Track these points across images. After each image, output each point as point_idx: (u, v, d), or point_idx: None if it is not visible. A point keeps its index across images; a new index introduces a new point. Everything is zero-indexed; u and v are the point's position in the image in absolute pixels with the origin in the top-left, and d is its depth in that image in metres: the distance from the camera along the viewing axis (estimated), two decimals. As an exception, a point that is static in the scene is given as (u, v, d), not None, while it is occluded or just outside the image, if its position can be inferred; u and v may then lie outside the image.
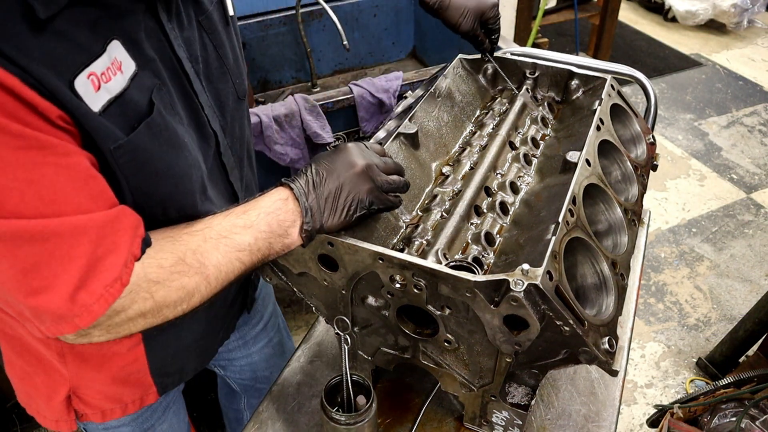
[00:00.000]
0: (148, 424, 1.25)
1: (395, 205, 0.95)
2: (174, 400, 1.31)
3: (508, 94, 1.38)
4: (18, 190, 0.65)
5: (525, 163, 1.21)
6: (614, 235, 1.08)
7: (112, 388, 1.10)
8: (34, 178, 0.65)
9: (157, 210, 0.86)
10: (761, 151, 3.93)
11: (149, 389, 1.15)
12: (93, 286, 0.70)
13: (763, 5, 5.19)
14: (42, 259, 0.67)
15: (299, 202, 0.88)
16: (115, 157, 0.75)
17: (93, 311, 0.71)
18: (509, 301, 0.81)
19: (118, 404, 1.13)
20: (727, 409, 1.88)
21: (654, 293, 2.98)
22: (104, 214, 0.72)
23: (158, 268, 0.77)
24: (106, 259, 0.71)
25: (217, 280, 0.82)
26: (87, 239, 0.69)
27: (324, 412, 0.96)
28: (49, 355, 1.02)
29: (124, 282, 0.72)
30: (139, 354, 1.07)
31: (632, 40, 5.19)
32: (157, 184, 0.83)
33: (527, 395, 1.03)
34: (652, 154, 1.29)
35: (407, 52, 2.80)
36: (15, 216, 0.65)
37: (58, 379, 1.06)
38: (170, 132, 0.83)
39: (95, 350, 1.03)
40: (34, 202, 0.66)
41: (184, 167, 0.87)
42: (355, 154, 0.92)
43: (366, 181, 0.90)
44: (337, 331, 0.99)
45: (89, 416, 1.13)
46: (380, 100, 1.99)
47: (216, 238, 0.83)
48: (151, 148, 0.79)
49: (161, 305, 0.78)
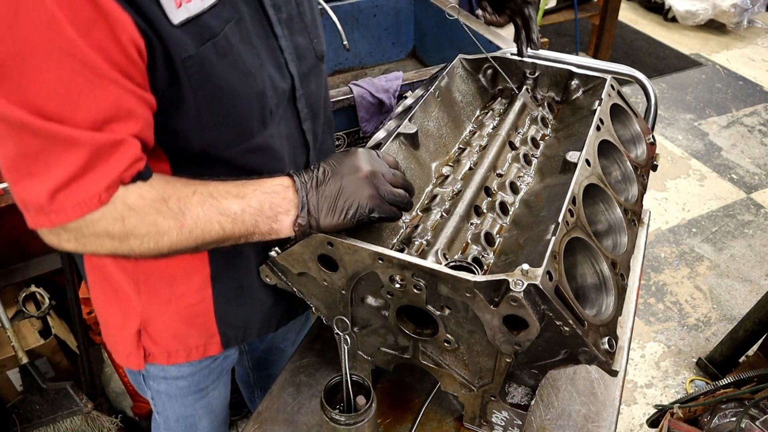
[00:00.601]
0: (204, 385, 1.30)
1: (396, 217, 0.94)
2: (228, 370, 1.35)
3: (508, 94, 1.38)
4: (48, 89, 0.70)
5: (525, 163, 1.21)
6: (614, 235, 1.08)
7: (179, 326, 1.14)
8: (65, 83, 0.71)
9: (217, 129, 0.91)
10: (761, 151, 3.93)
11: (213, 337, 1.18)
12: (73, 192, 0.76)
13: (763, 5, 5.19)
14: (40, 152, 0.73)
15: (298, 194, 0.89)
16: (185, 67, 0.82)
17: (67, 213, 0.77)
18: (509, 301, 0.81)
19: (182, 347, 1.18)
20: (727, 409, 1.88)
21: (654, 293, 2.98)
22: (108, 137, 0.76)
23: (139, 198, 0.81)
24: (92, 174, 0.76)
25: (191, 233, 0.85)
26: (83, 152, 0.74)
27: (324, 412, 0.96)
28: (125, 283, 1.09)
29: (103, 200, 0.77)
30: (207, 296, 1.12)
31: (632, 40, 5.19)
32: (220, 101, 0.89)
33: (527, 395, 1.03)
34: (652, 154, 1.29)
35: (407, 52, 2.80)
36: (34, 110, 0.71)
37: (131, 311, 1.12)
38: (236, 57, 0.88)
39: (166, 285, 1.09)
40: (55, 105, 0.71)
41: (247, 92, 0.91)
42: (363, 159, 0.92)
43: (368, 187, 0.90)
44: (337, 331, 0.99)
45: (155, 356, 1.18)
46: (380, 100, 1.99)
47: (205, 196, 0.86)
48: (215, 65, 0.85)
49: (129, 233, 0.81)
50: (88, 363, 2.16)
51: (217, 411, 1.41)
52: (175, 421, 1.37)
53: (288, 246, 0.96)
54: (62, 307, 2.30)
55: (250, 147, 0.98)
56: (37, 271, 2.21)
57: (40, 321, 2.21)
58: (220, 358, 1.29)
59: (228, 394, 1.45)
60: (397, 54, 2.78)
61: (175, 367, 1.22)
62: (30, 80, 0.70)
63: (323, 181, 0.91)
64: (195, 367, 1.25)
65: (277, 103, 1.00)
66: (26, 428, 2.07)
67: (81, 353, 2.12)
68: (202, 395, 1.33)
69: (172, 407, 1.33)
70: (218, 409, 1.41)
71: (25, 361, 2.02)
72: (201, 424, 1.39)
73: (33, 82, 0.70)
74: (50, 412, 2.04)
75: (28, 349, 2.08)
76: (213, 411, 1.39)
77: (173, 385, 1.27)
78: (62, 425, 2.04)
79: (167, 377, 1.25)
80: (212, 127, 0.90)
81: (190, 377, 1.26)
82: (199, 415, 1.36)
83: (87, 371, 2.17)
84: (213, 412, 1.40)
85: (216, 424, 1.43)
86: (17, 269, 2.20)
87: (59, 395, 2.03)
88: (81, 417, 2.04)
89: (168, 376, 1.25)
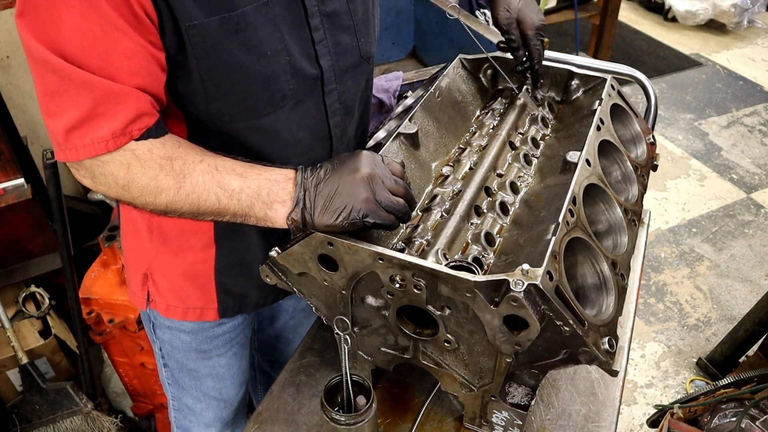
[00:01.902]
0: (206, 347, 1.33)
1: (392, 226, 0.92)
2: (239, 343, 1.39)
3: (508, 94, 1.38)
4: (69, 34, 0.79)
5: (525, 163, 1.21)
6: (614, 235, 1.08)
7: (180, 281, 1.21)
8: (85, 30, 0.79)
9: (221, 101, 0.95)
10: (761, 151, 3.93)
11: (210, 302, 1.23)
12: (84, 133, 0.84)
13: (763, 5, 5.19)
14: (59, 91, 0.82)
15: (296, 189, 0.90)
16: (189, 35, 0.86)
17: (78, 152, 0.85)
18: (509, 301, 0.81)
19: (180, 304, 1.24)
20: (727, 409, 1.88)
21: (654, 293, 2.98)
22: (117, 85, 0.83)
23: (147, 152, 0.87)
24: (101, 119, 0.84)
25: (187, 196, 0.89)
26: (92, 96, 0.82)
27: (324, 412, 0.96)
28: (142, 225, 1.17)
29: (110, 147, 0.85)
30: (210, 257, 1.17)
31: (632, 40, 5.19)
32: (224, 74, 0.92)
33: (527, 395, 1.03)
34: (652, 154, 1.29)
35: (407, 52, 2.80)
36: (58, 51, 0.80)
37: (143, 253, 1.21)
38: (250, 36, 0.91)
39: (175, 236, 1.15)
40: (74, 49, 0.80)
41: (256, 72, 0.94)
42: (363, 162, 0.91)
43: (364, 191, 0.88)
44: (337, 331, 0.99)
45: (156, 304, 1.26)
46: (380, 100, 1.98)
47: (210, 167, 0.90)
48: (222, 38, 0.88)
49: (131, 180, 0.88)
50: (88, 363, 2.16)
51: (226, 378, 1.42)
52: (179, 371, 1.40)
53: (288, 246, 0.96)
54: (62, 307, 2.30)
55: (255, 126, 1.00)
56: (37, 271, 2.21)
57: (40, 321, 2.21)
58: (226, 327, 1.31)
59: (242, 368, 1.45)
60: (397, 54, 2.78)
61: (178, 321, 1.28)
62: (56, 23, 0.78)
63: (322, 179, 0.91)
64: (196, 326, 1.29)
65: (294, 90, 1.00)
66: (26, 428, 2.07)
67: (81, 353, 2.12)
68: (205, 356, 1.35)
69: (176, 357, 1.37)
70: (226, 376, 1.42)
71: (25, 361, 2.02)
72: (206, 383, 1.41)
73: (59, 24, 0.78)
74: (50, 412, 2.04)
75: (28, 349, 2.08)
76: (219, 376, 1.41)
77: (177, 337, 1.32)
78: (62, 425, 2.04)
79: (171, 327, 1.30)
80: (216, 99, 0.94)
81: (192, 334, 1.31)
82: (203, 373, 1.39)
83: (87, 371, 2.17)
84: (219, 377, 1.41)
85: (225, 390, 1.44)
86: (17, 269, 2.20)
87: (59, 395, 2.03)
88: (81, 417, 2.04)
89: (172, 327, 1.30)
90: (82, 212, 2.45)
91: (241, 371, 1.45)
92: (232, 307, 1.26)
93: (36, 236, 2.13)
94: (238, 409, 1.54)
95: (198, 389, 1.42)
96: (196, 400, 1.45)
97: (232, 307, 1.26)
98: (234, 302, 1.25)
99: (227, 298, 1.24)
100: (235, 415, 1.54)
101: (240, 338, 1.38)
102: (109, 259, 1.96)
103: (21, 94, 2.37)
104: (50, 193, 1.88)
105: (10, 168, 1.90)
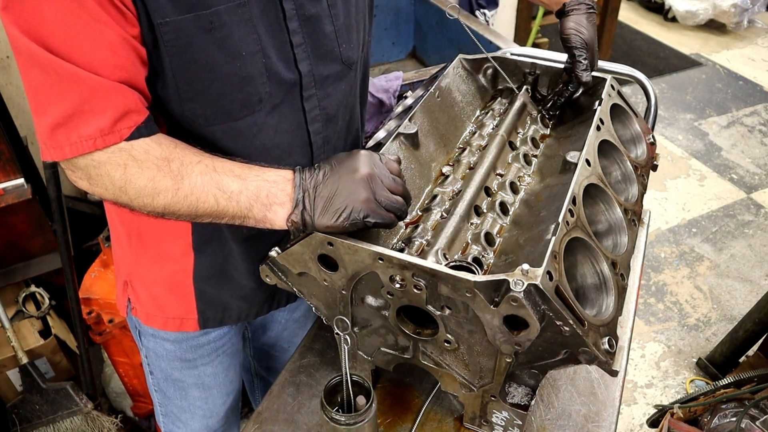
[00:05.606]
0: (190, 357, 1.31)
1: (392, 224, 0.92)
2: (225, 352, 1.36)
3: (508, 94, 1.38)
4: (53, 26, 0.78)
5: (525, 163, 1.21)
6: (614, 235, 1.08)
7: (159, 290, 1.19)
8: (68, 22, 0.78)
9: (196, 102, 0.93)
10: (761, 151, 3.93)
11: (190, 313, 1.21)
12: (70, 131, 0.82)
13: (763, 5, 5.19)
14: (43, 87, 0.81)
15: (295, 190, 0.89)
16: (161, 32, 0.85)
17: (64, 151, 0.83)
18: (509, 301, 0.81)
19: (160, 313, 1.22)
20: (727, 409, 1.88)
21: (654, 293, 2.98)
22: (103, 80, 0.81)
23: (143, 152, 0.86)
24: (87, 115, 0.82)
25: (186, 197, 0.87)
26: (78, 91, 0.80)
27: (324, 412, 0.96)
28: (122, 233, 1.16)
29: (98, 145, 0.83)
30: (188, 264, 1.14)
31: (632, 40, 5.19)
32: (196, 73, 0.90)
33: (527, 395, 1.03)
34: (652, 154, 1.29)
35: (407, 52, 2.80)
36: (42, 43, 0.78)
37: (124, 260, 1.21)
38: (225, 36, 0.89)
39: (154, 242, 1.13)
40: (59, 41, 0.78)
41: (230, 73, 0.92)
42: (362, 161, 0.91)
43: (364, 191, 0.88)
44: (337, 331, 0.99)
45: (137, 311, 1.25)
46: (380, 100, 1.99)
47: (209, 168, 0.89)
48: (195, 36, 0.87)
49: (127, 181, 0.86)
50: (88, 363, 2.16)
51: (212, 387, 1.39)
52: (164, 381, 1.38)
53: (288, 246, 0.96)
54: (62, 307, 2.30)
55: (231, 129, 0.98)
56: (37, 271, 2.21)
57: (40, 321, 2.21)
58: (210, 337, 1.29)
59: (229, 378, 1.42)
60: (397, 54, 2.78)
61: (162, 331, 1.26)
62: (40, 14, 0.77)
63: (321, 180, 0.90)
64: (180, 335, 1.27)
65: (271, 93, 0.98)
66: (26, 428, 2.07)
67: (81, 353, 2.13)
68: (189, 365, 1.33)
69: (161, 367, 1.35)
70: (212, 385, 1.39)
71: (25, 361, 2.02)
72: (192, 393, 1.38)
73: (42, 16, 0.77)
74: (50, 412, 2.04)
75: (28, 349, 2.08)
76: (205, 385, 1.38)
77: (161, 345, 1.30)
78: (62, 425, 2.04)
79: (156, 336, 1.28)
80: (190, 100, 0.92)
81: (176, 343, 1.28)
82: (189, 383, 1.36)
83: (87, 371, 2.17)
84: (205, 387, 1.38)
85: (212, 399, 1.41)
86: (17, 269, 2.20)
87: (59, 395, 2.03)
88: (81, 417, 2.04)
89: (156, 335, 1.28)
90: (82, 212, 2.44)
91: (228, 381, 1.42)
92: (212, 319, 1.23)
93: (36, 236, 2.13)
94: (227, 418, 1.50)
95: (183, 399, 1.39)
96: (182, 409, 1.42)
97: (212, 318, 1.23)
98: (214, 313, 1.23)
99: (207, 308, 1.21)
100: (225, 424, 1.50)
101: (227, 348, 1.35)
102: (109, 259, 1.97)
103: (21, 94, 2.37)
104: (50, 193, 1.89)
105: (10, 168, 1.90)
